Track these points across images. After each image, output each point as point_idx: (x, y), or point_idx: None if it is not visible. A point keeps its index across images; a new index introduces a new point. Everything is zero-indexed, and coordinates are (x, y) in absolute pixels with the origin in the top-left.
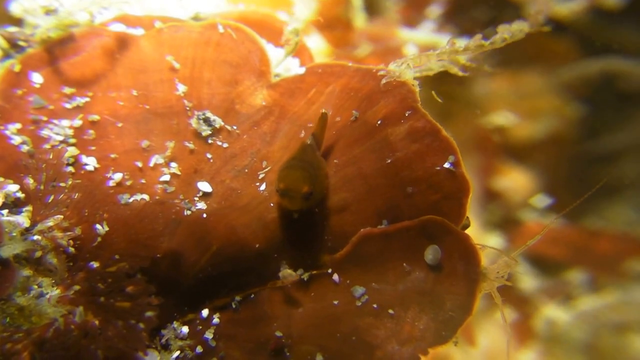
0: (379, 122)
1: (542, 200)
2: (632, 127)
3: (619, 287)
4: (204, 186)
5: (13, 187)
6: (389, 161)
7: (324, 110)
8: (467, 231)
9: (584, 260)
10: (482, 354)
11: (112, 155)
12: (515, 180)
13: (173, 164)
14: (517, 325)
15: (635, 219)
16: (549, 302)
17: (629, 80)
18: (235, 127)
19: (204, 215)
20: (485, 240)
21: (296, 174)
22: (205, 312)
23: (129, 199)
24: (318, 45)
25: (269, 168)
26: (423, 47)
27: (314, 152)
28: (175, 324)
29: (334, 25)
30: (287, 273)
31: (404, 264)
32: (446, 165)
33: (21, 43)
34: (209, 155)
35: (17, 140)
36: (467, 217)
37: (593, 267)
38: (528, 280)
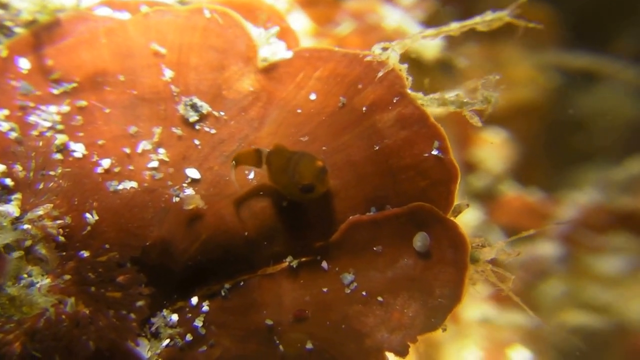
0: (365, 108)
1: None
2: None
3: None
4: (192, 173)
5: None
6: (378, 148)
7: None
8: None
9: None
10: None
11: (100, 142)
12: (492, 151)
13: (161, 150)
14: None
15: (606, 187)
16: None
17: None
18: (222, 113)
19: None
20: (464, 213)
21: (305, 162)
22: (194, 300)
23: (118, 185)
24: (302, 24)
25: None
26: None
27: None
28: (165, 312)
29: (316, 1)
30: None
31: (393, 251)
32: (434, 152)
33: (7, 23)
34: (196, 142)
35: (4, 126)
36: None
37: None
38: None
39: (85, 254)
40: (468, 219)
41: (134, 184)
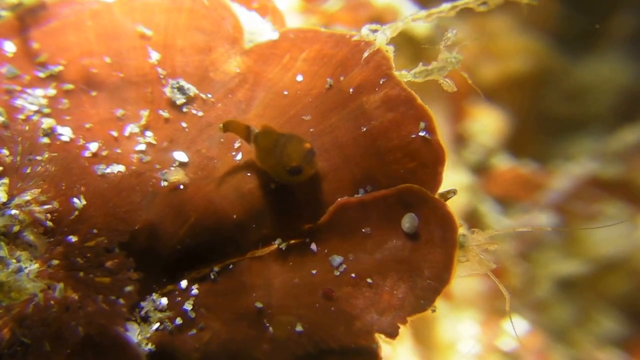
0: (352, 90)
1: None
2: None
3: None
4: (180, 156)
5: None
6: (365, 130)
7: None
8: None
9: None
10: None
11: (87, 125)
12: (485, 123)
13: (148, 133)
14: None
15: (599, 156)
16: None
17: None
18: (209, 95)
19: (181, 186)
20: (456, 184)
21: (293, 144)
22: (184, 283)
23: (105, 169)
24: (289, 0)
25: None
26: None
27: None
28: (155, 296)
29: None
30: None
31: (381, 232)
32: (421, 133)
33: None
34: (184, 124)
35: None
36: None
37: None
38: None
39: (73, 239)
40: (461, 191)
41: (121, 168)
